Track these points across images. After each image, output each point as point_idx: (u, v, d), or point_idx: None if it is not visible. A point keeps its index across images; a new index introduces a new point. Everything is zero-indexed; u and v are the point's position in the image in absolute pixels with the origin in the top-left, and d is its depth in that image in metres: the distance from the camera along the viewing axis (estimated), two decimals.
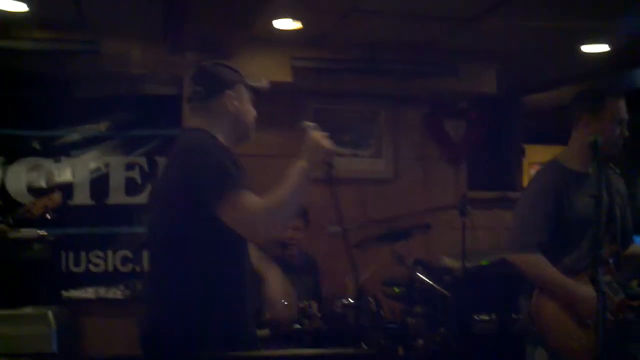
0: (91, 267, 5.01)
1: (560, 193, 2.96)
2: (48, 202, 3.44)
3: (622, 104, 2.98)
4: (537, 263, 2.93)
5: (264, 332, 3.65)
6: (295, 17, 4.61)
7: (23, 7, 4.35)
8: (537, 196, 3.02)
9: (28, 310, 4.22)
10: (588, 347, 2.80)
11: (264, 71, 5.19)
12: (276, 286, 3.37)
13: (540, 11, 4.35)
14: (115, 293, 5.03)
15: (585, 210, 2.90)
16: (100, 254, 5.02)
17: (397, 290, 4.42)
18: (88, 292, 5.00)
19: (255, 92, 2.62)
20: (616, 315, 2.83)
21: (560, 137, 3.16)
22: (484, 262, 4.73)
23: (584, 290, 2.81)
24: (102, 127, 5.12)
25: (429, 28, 4.83)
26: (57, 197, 3.50)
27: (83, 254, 4.99)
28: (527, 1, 4.11)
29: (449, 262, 4.90)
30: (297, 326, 3.69)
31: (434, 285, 4.23)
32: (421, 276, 4.23)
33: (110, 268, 5.03)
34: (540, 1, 4.15)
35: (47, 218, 3.45)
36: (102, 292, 5.02)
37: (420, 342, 4.06)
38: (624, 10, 4.27)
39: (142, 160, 5.13)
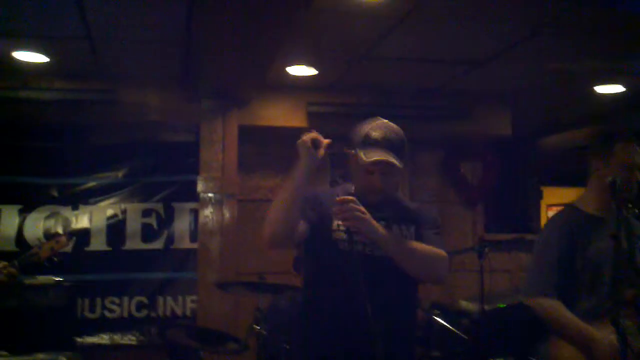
0: (106, 313, 5.01)
1: (577, 237, 2.92)
2: (55, 245, 3.45)
3: (631, 148, 2.96)
4: (554, 307, 2.88)
5: None
6: (309, 64, 4.68)
7: (43, 59, 4.46)
8: (553, 240, 2.98)
9: (40, 356, 4.21)
10: None
11: (280, 117, 5.29)
12: None
13: (553, 52, 4.37)
14: (130, 339, 5.01)
15: (602, 254, 2.86)
16: (116, 300, 5.03)
17: None
18: (103, 339, 4.99)
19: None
20: None
21: (578, 178, 3.14)
22: (501, 305, 4.66)
23: (602, 336, 2.75)
24: (119, 174, 5.19)
25: (442, 72, 4.87)
26: (63, 239, 3.51)
27: (98, 300, 5.01)
28: (539, 43, 4.13)
29: (466, 304, 4.84)
30: None
31: (452, 328, 4.17)
32: (438, 319, 4.18)
33: (126, 314, 5.03)
34: (553, 43, 4.16)
35: (54, 261, 3.46)
36: (117, 338, 5.01)
37: None
38: (638, 51, 4.27)
39: (159, 207, 5.17)
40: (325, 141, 2.57)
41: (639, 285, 2.89)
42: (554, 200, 7.15)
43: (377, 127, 2.58)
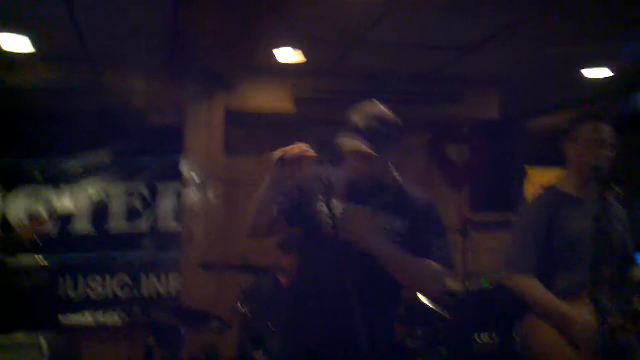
0: (90, 293, 5.03)
1: (555, 217, 2.95)
2: (37, 225, 3.45)
3: (598, 126, 2.97)
4: (531, 286, 2.91)
5: (259, 354, 3.62)
6: (297, 48, 4.66)
7: (27, 44, 4.42)
8: (532, 220, 3.01)
9: (19, 336, 4.19)
10: None
11: (267, 101, 5.28)
12: None
13: (541, 37, 4.37)
14: (114, 319, 5.02)
15: (580, 233, 2.89)
16: (100, 279, 5.05)
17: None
18: (86, 318, 5.00)
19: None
20: (611, 339, 2.78)
21: (561, 159, 3.16)
22: (484, 284, 4.69)
23: (578, 314, 2.78)
24: (103, 154, 5.18)
25: (432, 57, 4.87)
26: (46, 220, 3.50)
27: (82, 280, 5.03)
28: (528, 28, 4.13)
29: (450, 283, 4.85)
30: None
31: (435, 307, 4.18)
32: (422, 298, 4.19)
33: (109, 294, 5.05)
34: (541, 27, 4.16)
35: (37, 241, 3.46)
36: (101, 317, 5.02)
37: None
38: (625, 35, 4.28)
39: (143, 187, 5.17)
40: (309, 154, 2.49)
41: (616, 265, 2.92)
42: (538, 181, 7.17)
43: (361, 111, 2.53)
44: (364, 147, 2.43)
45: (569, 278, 2.90)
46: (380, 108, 2.58)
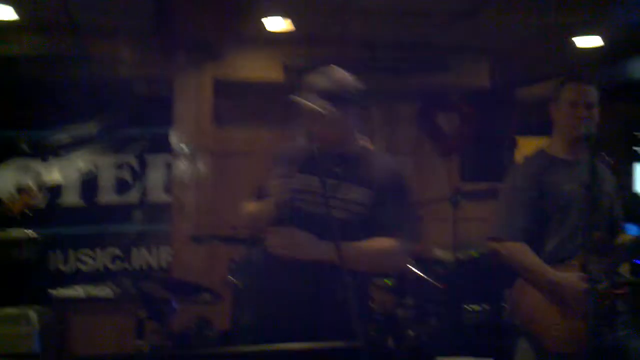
0: (80, 266, 5.03)
1: (544, 180, 2.95)
2: (27, 198, 3.43)
3: (578, 87, 2.97)
4: (519, 250, 2.91)
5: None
6: (286, 16, 4.60)
7: (11, 13, 4.34)
8: (520, 183, 3.01)
9: (9, 310, 4.20)
10: (570, 335, 2.79)
11: (256, 70, 5.23)
12: None
13: (532, 5, 4.33)
14: (105, 291, 5.02)
15: (569, 197, 2.90)
16: (90, 252, 5.04)
17: (388, 282, 4.40)
18: (77, 291, 5.01)
19: None
20: (600, 304, 2.81)
21: (552, 128, 3.16)
22: (474, 253, 4.71)
23: (566, 279, 2.80)
24: (91, 126, 5.13)
25: (421, 24, 4.82)
26: (36, 193, 3.49)
27: (72, 253, 5.02)
28: None
29: (441, 253, 4.89)
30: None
31: (426, 277, 4.21)
32: (413, 268, 4.22)
33: (100, 267, 5.05)
34: None
35: (27, 214, 3.44)
36: (92, 290, 5.02)
37: (411, 333, 4.05)
38: (615, 2, 4.25)
39: (132, 159, 5.13)
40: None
41: (604, 229, 2.94)
42: (528, 150, 7.17)
43: (320, 74, 2.53)
44: (317, 106, 2.41)
45: (558, 242, 2.91)
46: (341, 72, 2.56)
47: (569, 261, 2.87)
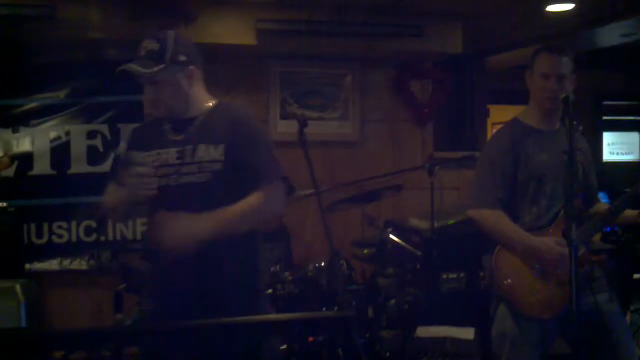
0: (54, 239, 4.92)
1: (519, 149, 3.00)
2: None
3: (551, 58, 2.99)
4: (496, 218, 2.97)
5: None
6: None
7: None
8: (496, 153, 3.06)
9: None
10: (548, 300, 2.87)
11: (228, 34, 5.12)
12: None
13: None
14: (80, 264, 4.94)
15: (544, 165, 2.95)
16: (64, 224, 4.93)
17: (366, 251, 4.43)
18: (52, 264, 4.92)
19: None
20: (578, 269, 2.87)
21: (524, 96, 3.19)
22: (450, 222, 4.76)
23: (544, 244, 2.87)
24: (61, 94, 4.98)
25: None
26: (6, 160, 3.39)
27: (45, 225, 4.90)
28: None
29: (417, 222, 4.92)
30: (270, 291, 3.68)
31: (405, 245, 4.24)
32: (393, 237, 4.24)
33: (74, 239, 4.94)
34: None
35: None
36: (67, 263, 4.94)
37: (392, 302, 4.09)
38: None
39: (104, 128, 5.01)
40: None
41: (580, 197, 2.99)
42: (500, 118, 7.23)
43: (147, 39, 2.57)
44: (137, 66, 2.49)
45: (534, 211, 2.97)
46: (172, 35, 2.58)
47: (546, 229, 2.94)
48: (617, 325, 2.97)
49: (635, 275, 5.18)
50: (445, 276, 4.57)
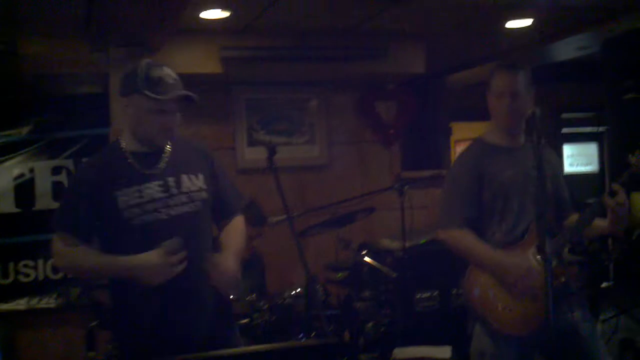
0: (21, 278, 4.81)
1: (484, 167, 3.02)
2: None
3: (506, 76, 3.02)
4: (464, 237, 2.98)
5: None
6: (222, 7, 4.50)
7: None
8: (461, 173, 3.09)
9: None
10: (523, 317, 2.87)
11: (192, 63, 5.10)
12: None
13: None
14: (49, 302, 4.83)
15: (510, 182, 2.97)
16: (30, 263, 4.82)
17: (340, 275, 4.42)
18: (19, 304, 4.80)
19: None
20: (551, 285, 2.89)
21: (485, 113, 3.22)
22: (422, 241, 4.79)
23: (513, 261, 2.88)
24: (23, 130, 4.89)
25: (356, 11, 4.80)
26: None
27: (11, 265, 4.79)
28: None
29: (389, 243, 4.93)
30: (246, 320, 3.64)
31: (380, 267, 4.23)
32: (368, 259, 4.24)
33: (41, 277, 4.83)
34: None
35: None
36: (35, 302, 4.83)
37: (369, 325, 4.07)
38: None
39: (69, 163, 4.93)
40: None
41: (550, 210, 3.01)
42: (462, 136, 7.31)
43: (156, 66, 2.54)
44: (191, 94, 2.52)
45: (503, 228, 2.99)
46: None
47: (515, 245, 2.96)
48: (593, 345, 2.98)
49: (603, 285, 5.26)
50: (419, 295, 4.58)
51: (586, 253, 4.89)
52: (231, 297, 2.63)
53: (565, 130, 8.42)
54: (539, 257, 2.82)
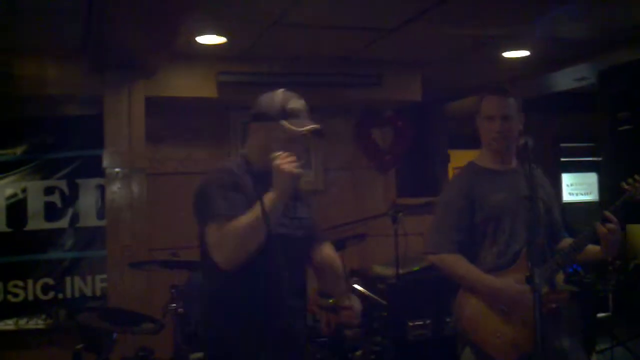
0: (10, 298, 4.78)
1: (475, 191, 3.02)
2: None
3: (495, 100, 3.04)
4: (455, 262, 2.97)
5: (198, 355, 3.55)
6: (218, 32, 4.53)
7: None
8: (452, 197, 3.08)
9: None
10: (513, 342, 2.85)
11: (189, 87, 5.13)
12: None
13: (461, 19, 4.41)
14: (38, 323, 4.79)
15: (501, 205, 2.96)
16: (20, 283, 4.80)
17: (332, 301, 4.36)
18: (7, 324, 4.76)
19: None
20: (542, 309, 2.86)
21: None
22: (415, 268, 4.75)
23: (505, 285, 2.87)
24: (18, 151, 4.90)
25: (353, 39, 4.83)
26: None
27: (1, 284, 4.77)
28: (448, 10, 4.16)
29: (381, 270, 4.90)
30: None
31: (371, 295, 4.20)
32: (358, 287, 4.20)
33: (31, 297, 4.80)
34: (460, 10, 4.20)
35: None
36: (23, 322, 4.79)
37: (359, 353, 4.03)
38: (540, 15, 4.37)
39: (62, 184, 4.92)
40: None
41: (542, 235, 2.99)
42: (461, 163, 7.26)
43: (293, 97, 2.57)
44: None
45: (494, 251, 2.97)
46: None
47: (507, 268, 2.94)
48: None
49: (599, 315, 5.21)
50: (411, 323, 4.53)
51: (582, 283, 4.86)
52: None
53: (564, 159, 8.45)
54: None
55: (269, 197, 2.33)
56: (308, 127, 2.50)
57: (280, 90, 2.59)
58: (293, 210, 2.56)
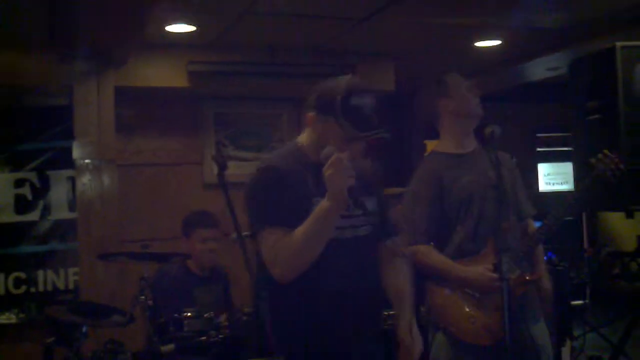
0: None
1: (442, 178, 3.04)
2: None
3: (460, 78, 3.17)
4: (424, 253, 3.00)
5: (169, 347, 3.53)
6: (188, 21, 4.49)
7: None
8: (419, 187, 3.11)
9: None
10: (486, 327, 2.89)
11: (159, 76, 5.08)
12: None
13: (433, 8, 4.41)
14: (9, 318, 4.73)
15: (468, 187, 3.00)
16: None
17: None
18: None
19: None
20: (515, 293, 2.89)
21: None
22: None
23: (474, 272, 2.92)
24: None
25: (324, 29, 4.82)
26: None
27: None
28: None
29: None
30: (203, 338, 3.58)
31: None
32: None
33: (2, 291, 4.72)
34: None
35: None
36: None
37: None
38: (513, 5, 4.38)
39: (33, 176, 4.85)
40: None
41: (509, 218, 3.02)
42: None
43: (355, 90, 2.36)
44: (384, 132, 2.38)
45: (463, 236, 3.01)
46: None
47: (477, 254, 2.96)
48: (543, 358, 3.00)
49: (573, 303, 5.26)
50: (385, 312, 4.53)
51: (555, 271, 4.89)
52: None
53: (541, 149, 8.51)
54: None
55: (323, 208, 2.18)
56: (372, 134, 2.33)
57: (345, 79, 2.38)
58: (355, 205, 2.27)
